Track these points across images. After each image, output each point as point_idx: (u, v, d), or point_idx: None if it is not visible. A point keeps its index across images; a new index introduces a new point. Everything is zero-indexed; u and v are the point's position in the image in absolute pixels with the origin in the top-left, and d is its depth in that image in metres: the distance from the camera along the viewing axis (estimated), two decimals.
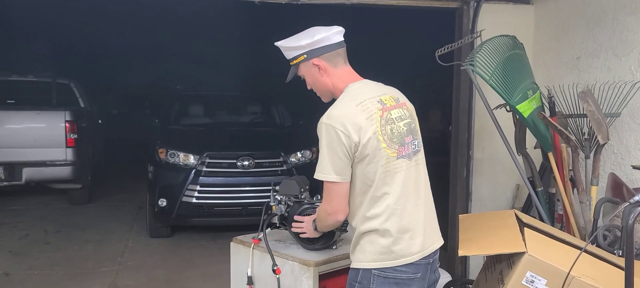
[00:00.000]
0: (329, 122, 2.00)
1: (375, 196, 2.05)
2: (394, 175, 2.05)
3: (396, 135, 2.08)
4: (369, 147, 2.00)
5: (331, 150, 2.00)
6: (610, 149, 3.70)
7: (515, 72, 3.42)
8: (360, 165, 2.03)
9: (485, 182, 4.65)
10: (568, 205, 3.42)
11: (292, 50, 2.18)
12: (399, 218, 2.06)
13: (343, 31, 2.19)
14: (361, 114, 2.02)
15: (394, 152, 2.05)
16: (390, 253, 2.06)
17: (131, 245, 5.86)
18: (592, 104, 3.22)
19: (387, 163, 2.04)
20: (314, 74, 2.18)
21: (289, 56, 2.22)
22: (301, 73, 2.23)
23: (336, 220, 2.15)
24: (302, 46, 2.14)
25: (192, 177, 5.78)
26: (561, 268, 2.24)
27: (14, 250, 5.59)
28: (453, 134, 4.60)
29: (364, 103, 2.04)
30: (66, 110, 7.02)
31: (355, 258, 2.14)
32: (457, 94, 4.51)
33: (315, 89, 2.23)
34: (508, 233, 2.50)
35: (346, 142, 1.98)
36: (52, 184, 7.23)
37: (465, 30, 4.32)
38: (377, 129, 2.02)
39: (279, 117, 7.64)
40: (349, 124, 1.99)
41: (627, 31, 3.61)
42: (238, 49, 13.59)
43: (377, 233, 2.06)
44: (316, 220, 2.36)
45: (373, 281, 2.07)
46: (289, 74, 2.27)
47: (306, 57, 2.15)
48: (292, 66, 2.24)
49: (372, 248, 2.07)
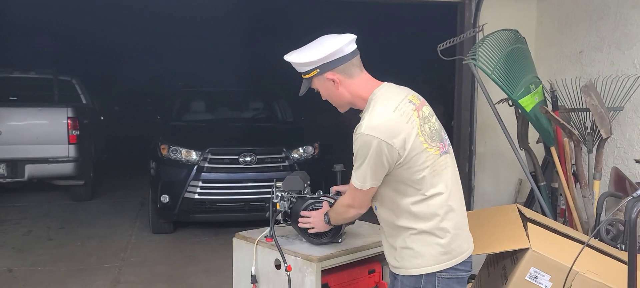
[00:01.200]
0: (371, 133, 1.94)
1: (426, 196, 2.01)
2: (441, 173, 2.03)
3: (434, 133, 2.06)
4: (413, 150, 1.96)
5: (372, 161, 1.95)
6: (613, 143, 3.70)
7: (518, 67, 3.41)
8: (403, 168, 1.98)
9: (487, 176, 4.65)
10: (571, 200, 3.41)
11: (303, 66, 2.10)
12: (454, 216, 2.05)
13: (355, 38, 2.10)
14: (400, 118, 1.97)
15: (436, 150, 2.03)
16: (451, 252, 2.03)
17: (134, 241, 5.87)
18: (595, 98, 3.21)
19: (433, 163, 2.01)
20: (328, 87, 2.10)
21: (301, 70, 2.13)
22: (315, 86, 2.14)
23: (358, 214, 2.18)
24: (314, 61, 2.06)
25: (194, 173, 5.77)
26: (565, 263, 2.24)
27: (17, 247, 5.60)
28: (455, 129, 4.60)
29: (399, 107, 2.00)
30: (68, 106, 7.01)
31: (411, 265, 2.05)
32: (459, 89, 4.50)
33: (331, 101, 2.16)
34: (511, 230, 2.50)
35: (388, 152, 1.94)
36: (55, 181, 7.22)
37: (467, 25, 4.32)
38: (417, 130, 1.99)
39: (281, 112, 7.63)
40: (392, 133, 1.94)
41: (630, 24, 3.59)
42: (240, 44, 13.59)
43: (433, 234, 2.02)
44: (331, 213, 2.34)
45: (438, 284, 2.03)
46: (301, 87, 2.17)
47: (319, 72, 2.08)
48: (305, 80, 2.14)
49: (432, 250, 2.02)
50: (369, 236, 2.71)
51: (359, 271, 2.67)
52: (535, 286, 2.27)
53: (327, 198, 2.51)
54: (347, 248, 2.56)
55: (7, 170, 6.70)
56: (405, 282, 2.08)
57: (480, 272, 2.89)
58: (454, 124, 4.73)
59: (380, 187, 2.05)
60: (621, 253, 2.58)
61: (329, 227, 2.43)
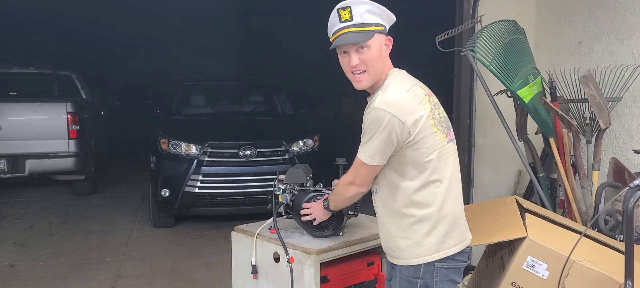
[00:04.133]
0: (385, 109, 1.93)
1: (428, 181, 2.00)
2: (446, 160, 2.04)
3: (443, 120, 2.08)
4: (422, 132, 1.96)
5: (383, 136, 1.94)
6: (612, 134, 3.69)
7: (516, 58, 3.41)
8: (411, 149, 1.97)
9: (487, 168, 4.64)
10: (570, 191, 3.41)
11: (377, 16, 2.01)
12: (453, 205, 2.06)
13: None
14: (413, 99, 1.98)
15: (444, 136, 2.04)
16: (448, 240, 2.03)
17: (135, 236, 5.89)
18: (593, 89, 3.21)
19: (441, 148, 2.02)
20: (380, 49, 2.03)
21: (366, 20, 1.99)
22: (369, 43, 2.00)
23: (358, 193, 2.15)
24: (388, 19, 2.05)
25: (195, 167, 5.79)
26: (562, 252, 2.25)
27: (19, 242, 5.63)
28: (454, 121, 4.58)
29: (412, 89, 2.01)
30: (68, 101, 7.03)
31: (410, 254, 2.05)
32: (458, 80, 4.49)
33: (368, 67, 2.02)
34: (509, 220, 2.51)
35: (399, 129, 1.93)
36: (56, 176, 7.26)
37: (466, 16, 4.29)
38: (429, 113, 2.00)
39: (280, 106, 7.63)
40: (405, 110, 1.95)
41: (629, 14, 3.58)
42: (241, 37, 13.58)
43: (432, 222, 2.01)
44: (331, 196, 2.34)
45: (436, 274, 2.04)
46: (351, 36, 1.98)
47: (384, 30, 2.05)
48: (363, 32, 1.98)
49: (431, 239, 2.01)
50: (368, 228, 2.72)
51: (358, 263, 2.68)
52: (533, 275, 2.28)
53: (328, 192, 2.52)
54: (346, 240, 2.57)
55: (7, 165, 6.72)
56: (403, 272, 2.08)
57: (479, 263, 2.90)
58: (453, 116, 4.73)
59: (383, 169, 2.04)
60: (619, 243, 2.58)
61: (329, 213, 2.43)
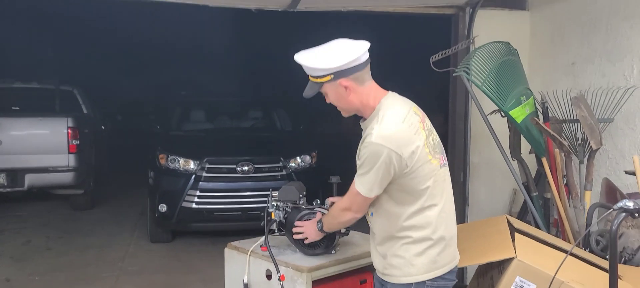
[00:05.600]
0: (382, 143, 1.95)
1: (424, 206, 2.04)
2: (441, 184, 2.08)
3: (437, 145, 2.11)
4: (419, 161, 2.00)
5: (381, 170, 1.97)
6: (605, 154, 3.72)
7: (509, 78, 3.45)
8: (408, 178, 2.01)
9: (482, 186, 4.66)
10: (563, 210, 3.43)
11: (317, 70, 2.05)
12: (447, 226, 2.10)
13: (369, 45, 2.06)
14: (409, 129, 2.00)
15: (438, 162, 2.08)
16: (439, 261, 2.08)
17: (132, 250, 5.90)
18: (585, 110, 3.25)
19: (436, 174, 2.06)
20: (340, 93, 2.07)
21: (313, 74, 2.07)
22: (324, 91, 2.10)
23: (354, 219, 2.20)
24: (331, 68, 2.01)
25: (192, 183, 5.82)
26: (550, 273, 2.26)
27: (16, 256, 5.64)
28: (450, 139, 4.62)
29: (407, 118, 2.02)
30: (68, 116, 7.08)
31: (402, 273, 2.08)
32: (453, 99, 4.54)
33: (339, 106, 2.14)
34: (498, 240, 2.53)
35: (397, 162, 1.96)
36: (55, 190, 7.29)
37: (461, 36, 4.35)
38: (424, 141, 2.03)
39: (279, 122, 7.67)
40: (401, 143, 1.97)
41: (620, 37, 3.63)
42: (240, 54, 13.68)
43: (426, 243, 2.05)
44: (325, 218, 2.37)
45: None
46: (307, 88, 2.11)
47: (333, 78, 2.03)
48: (314, 83, 2.09)
49: (423, 259, 2.05)
50: (361, 246, 2.74)
51: (350, 281, 2.69)
52: None
53: (321, 210, 2.54)
54: (338, 258, 2.59)
55: (7, 179, 6.75)
56: None
57: (471, 283, 2.92)
58: (449, 134, 4.76)
59: (380, 195, 2.07)
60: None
61: (322, 235, 2.46)
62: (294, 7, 4.03)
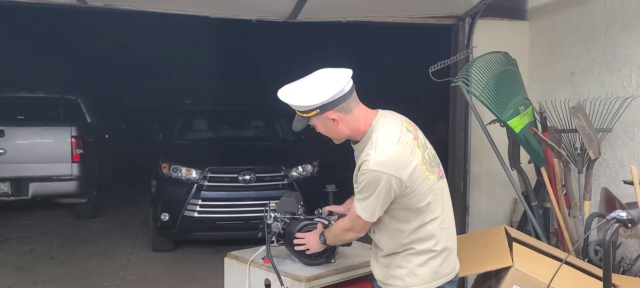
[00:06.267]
0: (380, 170, 1.95)
1: (425, 221, 2.07)
2: (440, 196, 2.11)
3: (432, 159, 2.12)
4: (417, 180, 2.01)
5: (382, 195, 1.99)
6: (604, 164, 3.73)
7: (507, 88, 3.47)
8: (408, 197, 2.03)
9: (482, 196, 4.67)
10: (562, 220, 3.44)
11: (302, 107, 2.04)
12: (448, 238, 2.13)
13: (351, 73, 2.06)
14: (404, 151, 2.00)
15: (435, 176, 2.10)
16: (441, 271, 2.11)
17: (134, 259, 5.92)
18: (583, 119, 3.26)
19: (435, 189, 2.08)
20: (328, 125, 2.07)
21: (299, 110, 2.08)
22: (312, 123, 2.10)
23: (356, 237, 2.27)
24: (315, 104, 2.00)
25: (194, 192, 5.84)
26: (546, 281, 2.27)
27: (19, 265, 5.67)
28: (450, 149, 4.64)
29: (401, 139, 2.01)
30: (72, 125, 7.13)
31: (403, 283, 2.11)
32: (453, 109, 4.56)
33: (329, 136, 2.14)
34: (496, 249, 2.54)
35: (396, 185, 1.98)
36: (58, 199, 7.32)
37: (461, 46, 4.38)
38: (420, 159, 2.03)
39: (281, 131, 7.70)
40: (399, 166, 1.97)
41: (619, 47, 3.65)
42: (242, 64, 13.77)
43: (428, 255, 2.08)
44: (328, 234, 2.40)
45: None
46: (295, 122, 2.12)
47: (319, 112, 2.03)
48: (301, 117, 2.09)
49: (425, 270, 2.08)
50: (359, 255, 2.75)
51: None
52: None
53: (321, 220, 2.56)
54: (337, 267, 2.60)
55: (11, 188, 6.80)
56: None
57: None
58: (449, 144, 4.78)
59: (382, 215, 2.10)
60: None
61: (324, 247, 2.48)
62: (294, 18, 4.07)
